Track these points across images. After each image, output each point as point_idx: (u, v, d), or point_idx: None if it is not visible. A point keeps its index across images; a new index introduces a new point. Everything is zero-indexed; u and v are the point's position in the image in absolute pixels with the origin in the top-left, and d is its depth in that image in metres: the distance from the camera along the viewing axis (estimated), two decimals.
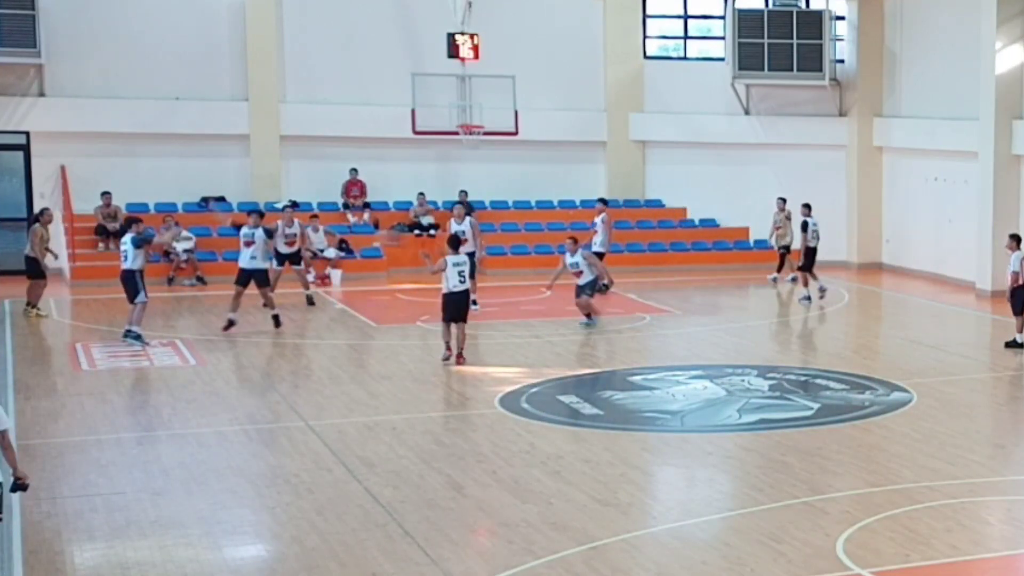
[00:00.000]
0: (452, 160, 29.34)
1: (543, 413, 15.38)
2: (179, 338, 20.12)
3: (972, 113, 25.74)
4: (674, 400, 16.22)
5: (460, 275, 18.04)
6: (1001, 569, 10.40)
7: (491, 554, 10.59)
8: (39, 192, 27.07)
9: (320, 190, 28.76)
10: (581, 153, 30.50)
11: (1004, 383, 17.76)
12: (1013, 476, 13.03)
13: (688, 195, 30.24)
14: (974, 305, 24.39)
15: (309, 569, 10.18)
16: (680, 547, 10.79)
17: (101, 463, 13.12)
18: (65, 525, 11.16)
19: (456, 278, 18.01)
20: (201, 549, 10.66)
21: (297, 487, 12.32)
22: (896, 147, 29.12)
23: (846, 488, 12.43)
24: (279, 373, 17.76)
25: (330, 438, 14.13)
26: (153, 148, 27.68)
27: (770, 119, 30.26)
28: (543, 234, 29.15)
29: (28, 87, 26.95)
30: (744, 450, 13.90)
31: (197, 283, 26.00)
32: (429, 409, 15.98)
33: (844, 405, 15.93)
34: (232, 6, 28.14)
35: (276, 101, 28.35)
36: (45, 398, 16.09)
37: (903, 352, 19.98)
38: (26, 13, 25.99)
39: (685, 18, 30.98)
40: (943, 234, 27.55)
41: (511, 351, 19.47)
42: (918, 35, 28.32)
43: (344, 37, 28.72)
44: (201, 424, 14.82)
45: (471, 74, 27.75)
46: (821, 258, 29.59)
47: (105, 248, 26.57)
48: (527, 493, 12.17)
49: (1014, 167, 25.02)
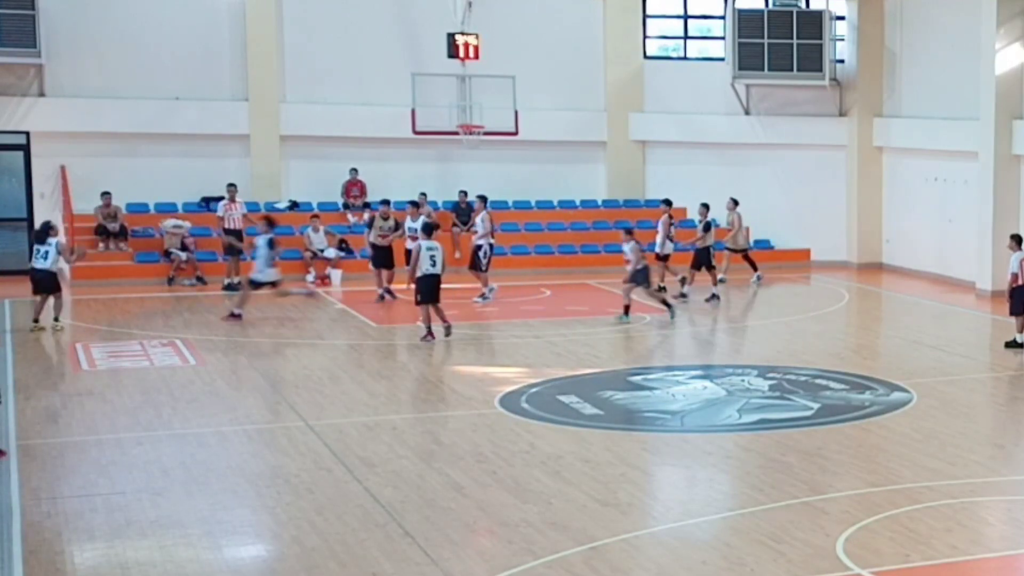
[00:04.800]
0: (452, 160, 29.34)
1: (543, 413, 15.38)
2: (179, 338, 20.12)
3: (972, 113, 25.74)
4: (674, 400, 16.22)
5: (432, 259, 19.69)
6: (1001, 569, 10.40)
7: (491, 554, 10.58)
8: (39, 192, 27.08)
9: (320, 190, 28.76)
10: (581, 153, 30.51)
11: (1004, 383, 17.76)
12: (1013, 476, 13.03)
13: (688, 195, 30.21)
14: (974, 305, 24.39)
15: (309, 569, 10.18)
16: (680, 547, 10.79)
17: (101, 463, 13.12)
18: (65, 525, 11.16)
19: (428, 262, 19.66)
20: (201, 549, 10.66)
21: (297, 487, 12.32)
22: (896, 147, 29.12)
23: (846, 488, 12.42)
24: (279, 373, 17.75)
25: (330, 438, 14.13)
26: (153, 148, 27.68)
27: (770, 119, 30.27)
28: (543, 234, 29.15)
29: (28, 87, 26.95)
30: (744, 450, 13.90)
31: (197, 283, 26.00)
32: (429, 409, 15.98)
33: (844, 405, 15.93)
34: (232, 6, 28.15)
35: (276, 101, 28.36)
36: (45, 398, 16.09)
37: (903, 352, 19.98)
38: (26, 13, 25.99)
39: (685, 18, 30.98)
40: (943, 234, 27.55)
41: (511, 351, 19.47)
42: (918, 35, 28.32)
43: (344, 37, 28.73)
44: (201, 424, 14.82)
45: (471, 74, 27.74)
46: (821, 258, 29.78)
47: (105, 248, 26.58)
48: (527, 493, 12.17)
49: (1014, 167, 25.02)
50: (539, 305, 23.78)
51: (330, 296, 25.15)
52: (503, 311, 23.15)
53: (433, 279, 19.84)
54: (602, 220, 29.90)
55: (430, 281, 19.83)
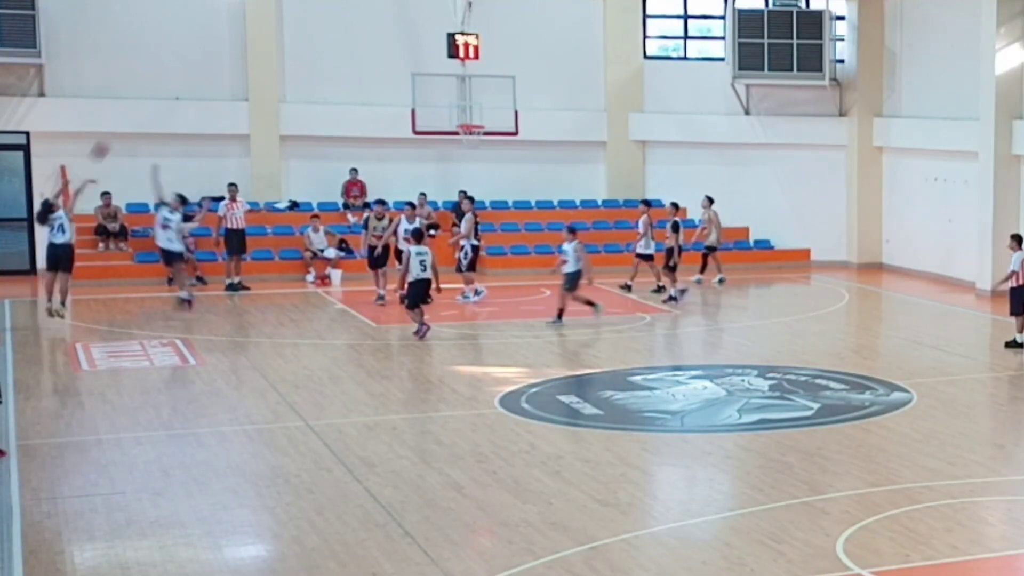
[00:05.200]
0: (452, 160, 29.35)
1: (543, 413, 15.38)
2: (179, 338, 20.12)
3: (972, 113, 25.74)
4: (674, 400, 16.22)
5: (422, 264, 19.93)
6: (1001, 569, 10.40)
7: (491, 554, 10.58)
8: (39, 192, 27.04)
9: (320, 190, 28.76)
10: (581, 153, 30.51)
11: (1004, 383, 17.76)
12: (1013, 476, 13.03)
13: (688, 195, 30.20)
14: (974, 305, 24.39)
15: (309, 569, 10.18)
16: (680, 547, 10.79)
17: (101, 463, 13.11)
18: (65, 525, 11.16)
19: (418, 267, 19.93)
20: (201, 549, 10.66)
21: (297, 487, 12.32)
22: (896, 147, 29.11)
23: (846, 488, 12.42)
24: (279, 373, 17.75)
25: (330, 438, 14.13)
26: (153, 148, 27.61)
27: (770, 119, 30.27)
28: (543, 234, 29.14)
29: (28, 87, 26.96)
30: (744, 450, 13.90)
31: (197, 283, 25.98)
32: (429, 409, 15.98)
33: (844, 405, 15.93)
34: (232, 6, 28.15)
35: (276, 101, 28.36)
36: (45, 398, 16.10)
37: (903, 352, 19.98)
38: (26, 13, 25.99)
39: (685, 18, 30.98)
40: (943, 234, 27.55)
41: (511, 351, 19.47)
42: (918, 35, 28.33)
43: (344, 37, 28.73)
44: (201, 424, 14.82)
45: (471, 74, 27.74)
46: (821, 258, 29.78)
47: (105, 248, 26.59)
48: (527, 493, 12.17)
49: (1014, 167, 25.02)
50: (539, 305, 23.78)
51: (330, 296, 25.15)
52: (503, 311, 23.15)
53: (423, 284, 20.08)
54: (602, 220, 29.91)
55: (420, 286, 20.07)
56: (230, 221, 25.31)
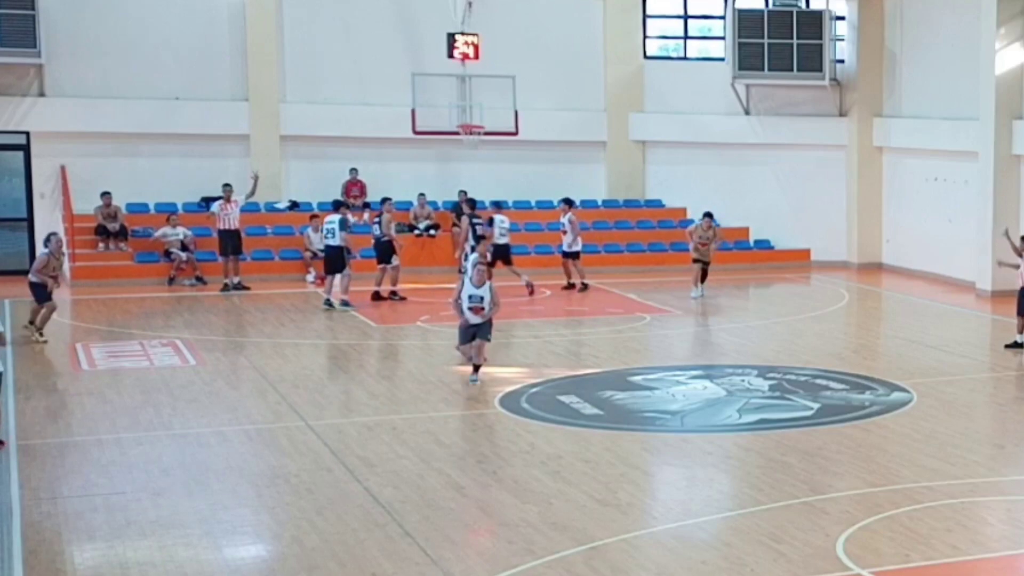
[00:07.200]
0: (452, 160, 29.34)
1: (543, 413, 15.38)
2: (179, 338, 20.12)
3: (972, 113, 25.74)
4: (674, 400, 16.22)
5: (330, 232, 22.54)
6: (1001, 569, 10.40)
7: (491, 554, 10.58)
8: (39, 192, 27.08)
9: (320, 190, 28.73)
10: (581, 153, 30.50)
11: (1004, 383, 17.76)
12: (1013, 476, 13.03)
13: (688, 195, 30.23)
14: (974, 305, 24.39)
15: (309, 569, 10.18)
16: (680, 547, 10.79)
17: (101, 463, 13.12)
18: (65, 525, 11.16)
19: None
20: (201, 549, 10.66)
21: (297, 487, 12.32)
22: (896, 147, 29.10)
23: (846, 488, 12.43)
24: (279, 373, 17.75)
25: (330, 438, 14.13)
26: (153, 148, 27.68)
27: (770, 119, 30.25)
28: (543, 234, 29.12)
29: (28, 87, 26.94)
30: (744, 450, 13.90)
31: (197, 283, 26.00)
32: (429, 409, 15.97)
33: (844, 405, 15.93)
34: (232, 6, 28.15)
35: (276, 101, 28.35)
36: (45, 398, 16.09)
37: (903, 352, 19.98)
38: (26, 13, 25.98)
39: (685, 18, 30.97)
40: (943, 234, 27.54)
41: (511, 351, 19.47)
42: (918, 35, 28.32)
43: (344, 37, 28.72)
44: (201, 424, 14.83)
45: (471, 74, 27.74)
46: (821, 258, 29.76)
47: (105, 248, 26.58)
48: (527, 493, 12.17)
49: (1014, 167, 25.02)
50: (539, 305, 23.77)
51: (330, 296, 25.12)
52: (503, 311, 23.05)
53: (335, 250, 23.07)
54: (602, 220, 29.89)
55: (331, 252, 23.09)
56: (224, 222, 25.25)
